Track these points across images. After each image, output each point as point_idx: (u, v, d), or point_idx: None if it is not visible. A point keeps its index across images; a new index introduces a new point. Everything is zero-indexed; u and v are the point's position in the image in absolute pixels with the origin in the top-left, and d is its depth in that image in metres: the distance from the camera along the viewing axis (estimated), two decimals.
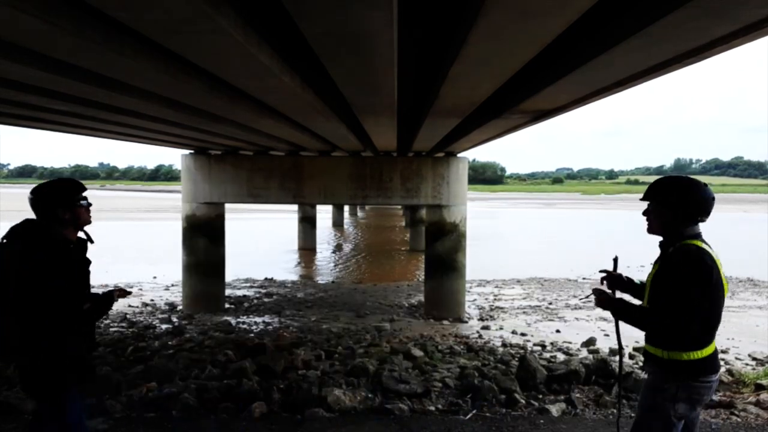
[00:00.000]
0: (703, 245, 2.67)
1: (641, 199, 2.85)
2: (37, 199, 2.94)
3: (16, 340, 2.81)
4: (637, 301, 2.92)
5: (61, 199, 2.93)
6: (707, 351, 2.62)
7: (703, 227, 2.78)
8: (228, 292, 13.66)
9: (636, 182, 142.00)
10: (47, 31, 3.01)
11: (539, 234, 33.64)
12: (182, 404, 5.19)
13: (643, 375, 5.98)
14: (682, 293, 2.54)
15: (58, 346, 2.87)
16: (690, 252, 2.61)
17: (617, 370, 3.63)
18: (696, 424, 2.77)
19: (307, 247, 24.52)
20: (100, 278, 16.07)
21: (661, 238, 2.80)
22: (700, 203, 2.73)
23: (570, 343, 9.74)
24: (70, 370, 2.94)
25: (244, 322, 11.07)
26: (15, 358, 2.91)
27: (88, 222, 3.06)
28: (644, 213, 2.85)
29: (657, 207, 2.78)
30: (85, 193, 3.07)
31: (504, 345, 9.37)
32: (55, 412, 2.99)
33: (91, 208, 3.08)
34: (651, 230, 2.84)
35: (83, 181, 3.18)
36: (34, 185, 3.12)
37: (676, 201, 2.72)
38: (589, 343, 9.60)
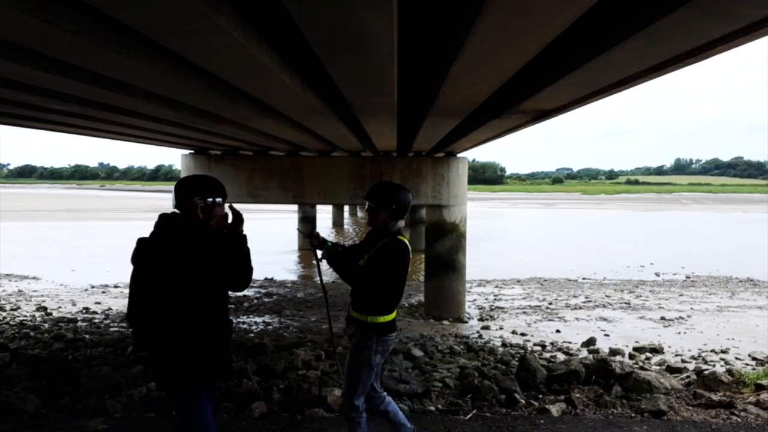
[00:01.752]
0: (405, 239, 3.59)
1: (363, 198, 3.70)
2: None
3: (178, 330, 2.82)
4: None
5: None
6: (392, 316, 3.60)
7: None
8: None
9: (636, 182, 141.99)
10: (47, 31, 3.00)
11: (539, 234, 33.64)
12: None
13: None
14: (385, 267, 3.46)
15: (211, 336, 2.90)
16: (400, 244, 3.53)
17: (330, 331, 4.34)
18: (381, 372, 3.77)
19: (307, 248, 24.33)
20: (100, 278, 16.11)
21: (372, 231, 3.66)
22: (406, 205, 3.64)
23: (570, 343, 9.74)
24: (216, 363, 2.94)
25: (244, 322, 11.07)
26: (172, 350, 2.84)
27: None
28: (367, 210, 3.64)
29: (377, 206, 3.58)
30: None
31: (504, 345, 9.37)
32: (194, 408, 2.92)
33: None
34: (371, 224, 3.64)
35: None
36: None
37: (391, 202, 3.56)
38: (589, 343, 9.60)
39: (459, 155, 12.17)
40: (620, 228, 37.06)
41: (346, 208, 44.63)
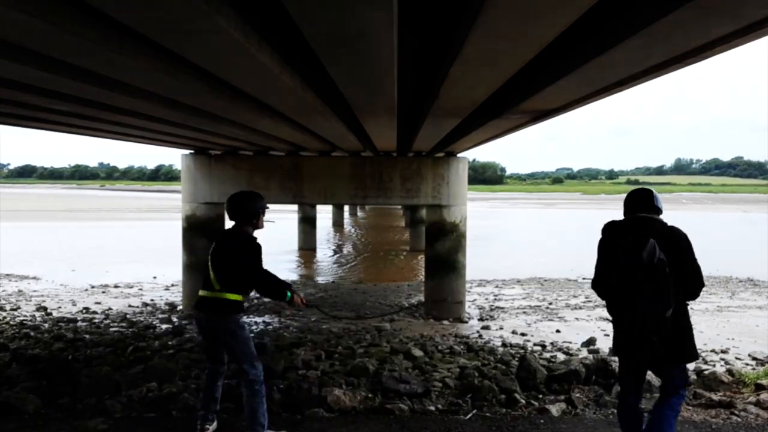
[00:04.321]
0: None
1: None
2: None
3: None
4: None
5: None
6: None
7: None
8: None
9: (636, 182, 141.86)
10: (47, 31, 3.01)
11: (539, 234, 33.62)
12: (182, 404, 5.19)
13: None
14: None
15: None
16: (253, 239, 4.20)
17: None
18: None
19: (307, 247, 24.49)
20: (100, 278, 16.11)
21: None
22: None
23: (570, 343, 9.74)
24: None
25: (244, 322, 11.05)
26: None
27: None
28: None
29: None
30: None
31: (504, 345, 9.37)
32: (686, 375, 3.63)
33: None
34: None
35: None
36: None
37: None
38: (589, 343, 9.59)
39: (459, 155, 12.17)
40: None
41: (346, 208, 44.68)
